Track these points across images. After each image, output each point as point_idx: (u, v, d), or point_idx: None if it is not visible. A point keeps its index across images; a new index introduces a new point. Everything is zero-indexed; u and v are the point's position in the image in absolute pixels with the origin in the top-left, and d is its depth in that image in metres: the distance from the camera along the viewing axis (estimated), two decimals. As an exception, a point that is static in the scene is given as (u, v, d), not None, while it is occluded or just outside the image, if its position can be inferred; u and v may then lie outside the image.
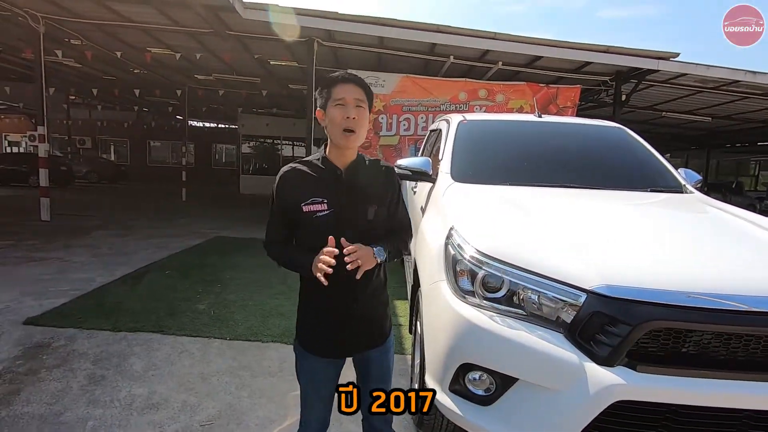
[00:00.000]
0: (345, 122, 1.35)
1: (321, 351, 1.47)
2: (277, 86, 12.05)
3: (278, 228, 1.47)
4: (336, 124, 1.36)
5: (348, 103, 1.36)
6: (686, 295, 1.39)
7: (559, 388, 1.42)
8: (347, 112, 1.36)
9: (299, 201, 1.38)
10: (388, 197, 1.49)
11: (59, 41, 8.67)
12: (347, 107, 1.36)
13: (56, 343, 3.10)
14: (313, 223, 1.38)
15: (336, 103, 1.37)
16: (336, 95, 1.37)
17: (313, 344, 1.47)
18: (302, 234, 1.44)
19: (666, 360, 1.39)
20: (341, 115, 1.35)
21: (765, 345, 1.38)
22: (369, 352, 1.50)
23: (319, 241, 1.37)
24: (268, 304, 4.08)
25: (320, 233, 1.36)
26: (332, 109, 1.37)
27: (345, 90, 1.37)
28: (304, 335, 1.49)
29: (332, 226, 1.37)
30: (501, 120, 3.58)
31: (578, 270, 1.51)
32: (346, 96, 1.36)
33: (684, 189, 2.70)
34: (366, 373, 1.53)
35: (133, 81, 12.55)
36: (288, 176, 1.42)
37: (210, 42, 8.44)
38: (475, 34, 7.22)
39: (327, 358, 1.48)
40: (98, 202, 11.79)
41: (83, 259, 5.43)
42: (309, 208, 1.37)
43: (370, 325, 1.48)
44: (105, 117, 21.51)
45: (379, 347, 1.51)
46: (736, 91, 9.12)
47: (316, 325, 1.46)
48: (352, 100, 1.36)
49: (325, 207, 1.38)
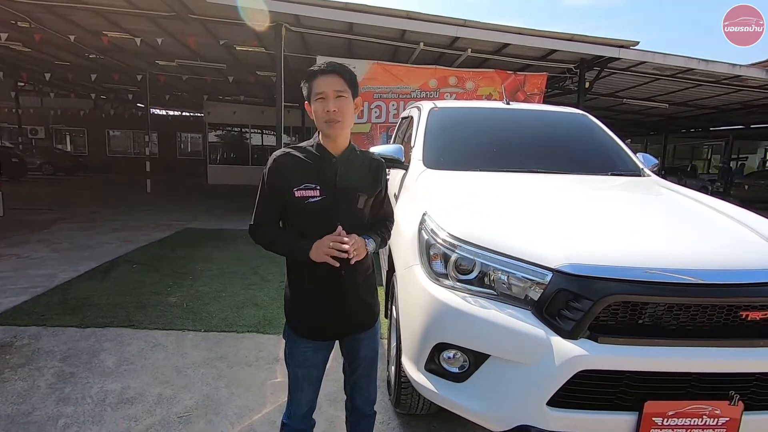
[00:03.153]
0: (326, 115, 1.38)
1: (314, 335, 1.50)
2: (244, 73, 11.70)
3: (269, 211, 1.46)
4: (318, 117, 1.40)
5: (328, 97, 1.38)
6: (644, 271, 1.49)
7: (527, 361, 1.51)
8: (327, 105, 1.38)
9: (291, 185, 1.39)
10: (377, 189, 1.53)
11: (5, 23, 8.08)
12: (327, 101, 1.38)
13: (19, 342, 2.98)
14: (304, 209, 1.39)
15: (317, 97, 1.39)
16: (317, 89, 1.39)
17: (306, 329, 1.49)
18: (291, 219, 1.45)
19: (624, 331, 1.49)
20: (322, 109, 1.38)
21: (711, 314, 1.50)
22: (359, 335, 1.55)
23: (308, 226, 1.40)
24: (242, 294, 4.04)
25: (310, 219, 1.39)
26: (314, 104, 1.40)
27: (324, 83, 1.39)
28: (297, 320, 1.51)
29: (322, 213, 1.39)
30: (471, 107, 3.65)
31: (544, 250, 1.59)
32: (326, 89, 1.38)
33: (642, 172, 2.86)
34: (355, 355, 1.58)
35: (89, 66, 11.84)
36: (282, 160, 1.43)
37: (172, 26, 8.08)
38: (444, 21, 7.24)
39: (319, 341, 1.51)
40: (55, 195, 11.20)
41: (42, 255, 5.19)
42: (301, 193, 1.39)
43: (362, 307, 1.53)
44: (59, 105, 20.22)
45: (368, 329, 1.56)
46: (691, 78, 9.58)
47: (309, 310, 1.48)
48: (332, 92, 1.38)
49: (317, 193, 1.39)
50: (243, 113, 17.25)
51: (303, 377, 1.53)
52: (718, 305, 1.49)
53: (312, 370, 1.53)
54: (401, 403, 2.15)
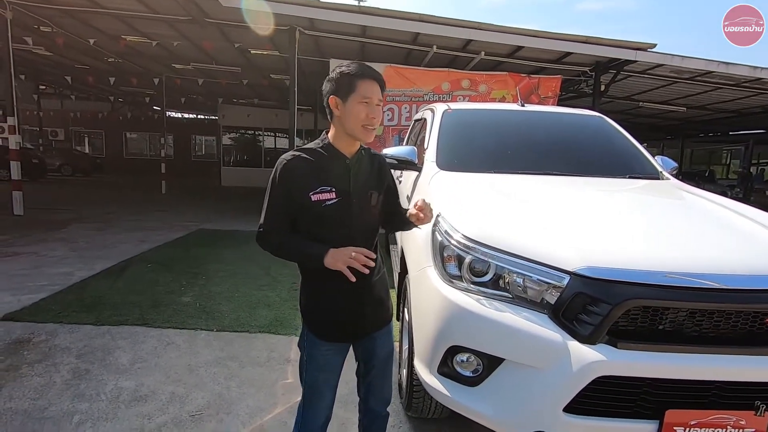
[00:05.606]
0: (368, 121, 1.40)
1: (335, 336, 1.50)
2: (258, 76, 11.83)
3: (280, 216, 1.43)
4: (357, 119, 1.39)
5: (373, 103, 1.40)
6: (664, 275, 1.45)
7: (543, 366, 1.47)
8: (372, 112, 1.40)
9: (307, 189, 1.38)
10: (386, 183, 1.56)
11: (29, 28, 8.31)
12: (372, 107, 1.40)
13: (37, 338, 3.03)
14: (321, 212, 1.39)
15: (363, 100, 1.39)
16: (363, 92, 1.39)
17: (327, 331, 1.49)
18: (305, 223, 1.43)
19: (644, 337, 1.45)
20: (366, 114, 1.39)
21: (735, 321, 1.45)
22: (375, 334, 1.55)
23: (324, 229, 1.40)
24: (254, 295, 4.06)
25: (327, 221, 1.39)
26: (356, 105, 1.39)
27: (372, 89, 1.40)
28: (318, 323, 1.49)
29: (339, 214, 1.40)
30: (485, 109, 3.62)
31: (561, 253, 1.56)
32: (373, 96, 1.40)
33: (661, 176, 2.80)
34: (371, 355, 1.57)
35: (108, 70, 12.12)
36: (293, 164, 1.41)
37: (188, 30, 8.21)
38: (458, 24, 7.22)
39: (338, 344, 1.51)
40: (73, 196, 11.43)
41: (60, 254, 5.29)
42: (318, 197, 1.38)
43: (379, 306, 1.54)
44: (78, 108, 20.71)
45: (383, 328, 1.57)
46: (710, 81, 9.38)
47: (329, 312, 1.48)
48: (377, 100, 1.41)
49: (333, 195, 1.39)
50: (256, 116, 17.43)
51: (324, 381, 1.52)
52: (743, 311, 1.44)
53: (332, 375, 1.53)
54: (413, 407, 2.13)
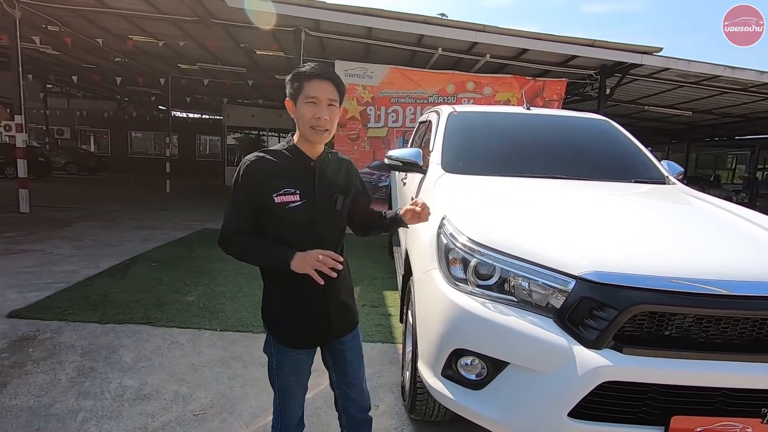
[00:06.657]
0: (315, 121, 1.34)
1: (303, 343, 1.48)
2: (263, 77, 11.87)
3: (244, 218, 1.38)
4: (305, 121, 1.35)
5: (321, 103, 1.34)
6: (670, 281, 1.44)
7: (548, 370, 1.47)
8: (319, 112, 1.34)
9: (270, 191, 1.34)
10: (353, 188, 1.53)
11: (36, 27, 8.37)
12: (320, 107, 1.34)
13: (42, 335, 3.05)
14: (285, 214, 1.36)
15: (308, 100, 1.34)
16: (309, 92, 1.34)
17: (294, 338, 1.46)
18: (268, 226, 1.39)
19: (650, 342, 1.45)
20: (312, 114, 1.34)
21: (742, 328, 1.44)
22: (343, 338, 1.54)
23: (289, 232, 1.37)
24: (257, 295, 4.02)
25: (290, 224, 1.36)
26: (303, 106, 1.35)
27: (319, 88, 1.34)
28: (284, 332, 1.47)
29: (304, 217, 1.37)
30: (491, 112, 3.62)
31: (567, 257, 1.56)
32: (319, 95, 1.33)
33: (667, 180, 2.79)
34: (342, 359, 1.56)
35: (114, 69, 12.21)
36: (256, 166, 1.36)
37: (194, 30, 8.25)
38: (463, 26, 7.23)
39: (307, 349, 1.50)
40: (79, 194, 11.50)
41: (65, 252, 5.32)
42: (281, 198, 1.34)
43: (344, 311, 1.52)
44: (84, 107, 20.86)
45: (351, 332, 1.56)
46: (716, 86, 9.34)
47: (296, 319, 1.45)
48: (326, 99, 1.34)
49: (297, 198, 1.36)
50: (261, 116, 17.49)
51: (296, 383, 1.51)
52: (750, 318, 1.44)
53: (304, 375, 1.52)
54: (416, 409, 2.13)
